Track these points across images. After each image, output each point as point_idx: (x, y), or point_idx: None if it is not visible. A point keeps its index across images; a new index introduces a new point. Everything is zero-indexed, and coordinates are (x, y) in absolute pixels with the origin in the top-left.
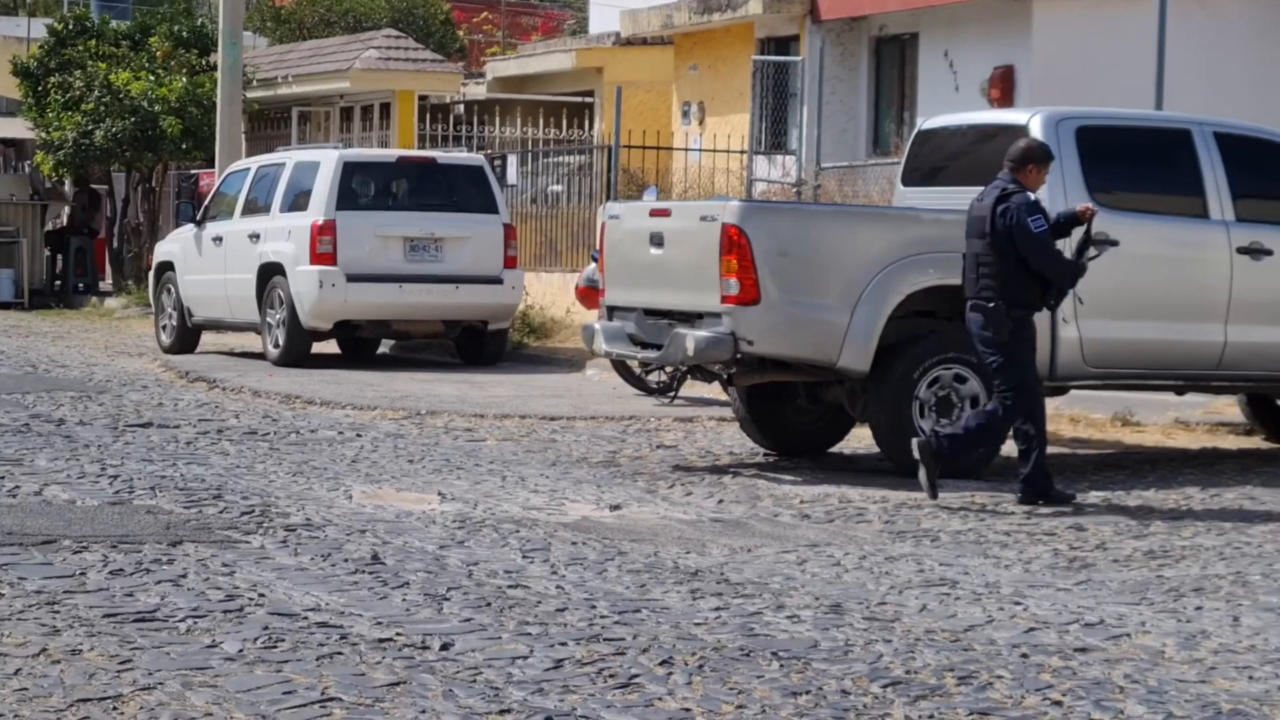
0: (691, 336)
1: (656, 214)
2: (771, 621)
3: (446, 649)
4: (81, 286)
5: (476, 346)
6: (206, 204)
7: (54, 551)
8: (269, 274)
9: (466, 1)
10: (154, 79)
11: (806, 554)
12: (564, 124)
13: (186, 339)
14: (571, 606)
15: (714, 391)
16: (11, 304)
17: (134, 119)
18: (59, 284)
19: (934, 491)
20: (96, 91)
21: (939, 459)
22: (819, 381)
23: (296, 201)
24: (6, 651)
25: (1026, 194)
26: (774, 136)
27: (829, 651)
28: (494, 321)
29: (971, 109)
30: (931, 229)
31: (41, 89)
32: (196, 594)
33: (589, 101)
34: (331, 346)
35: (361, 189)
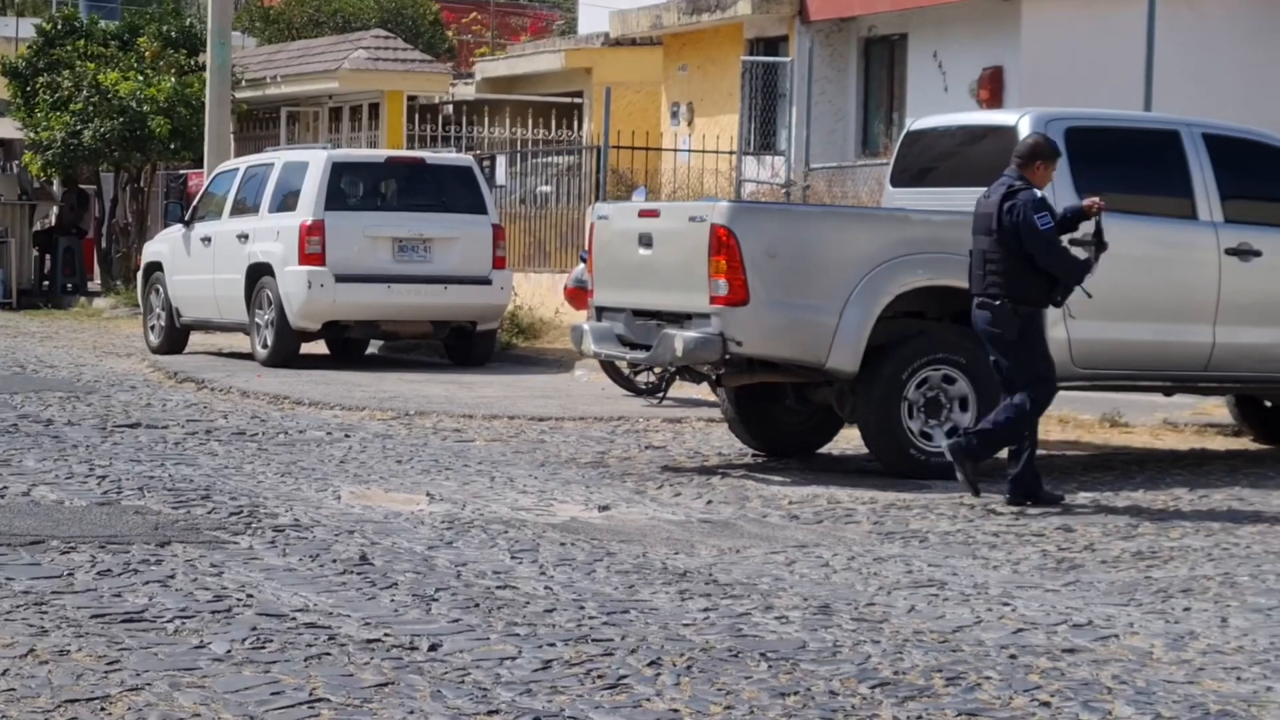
0: (680, 337)
1: (645, 214)
2: (760, 622)
3: (435, 650)
4: (70, 287)
5: (465, 347)
6: (195, 204)
7: (42, 552)
8: (257, 274)
9: (455, 2)
10: (142, 79)
11: (795, 555)
12: (553, 124)
13: (175, 339)
14: (560, 607)
15: (703, 392)
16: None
17: (122, 119)
18: (47, 284)
19: (976, 490)
20: (85, 91)
21: (971, 455)
22: (808, 382)
23: (285, 202)
24: None
25: (1033, 191)
26: (763, 137)
27: (817, 652)
28: (483, 322)
29: (960, 110)
30: (920, 230)
31: (30, 89)
32: (184, 594)
33: (578, 102)
34: (320, 347)
35: (350, 189)
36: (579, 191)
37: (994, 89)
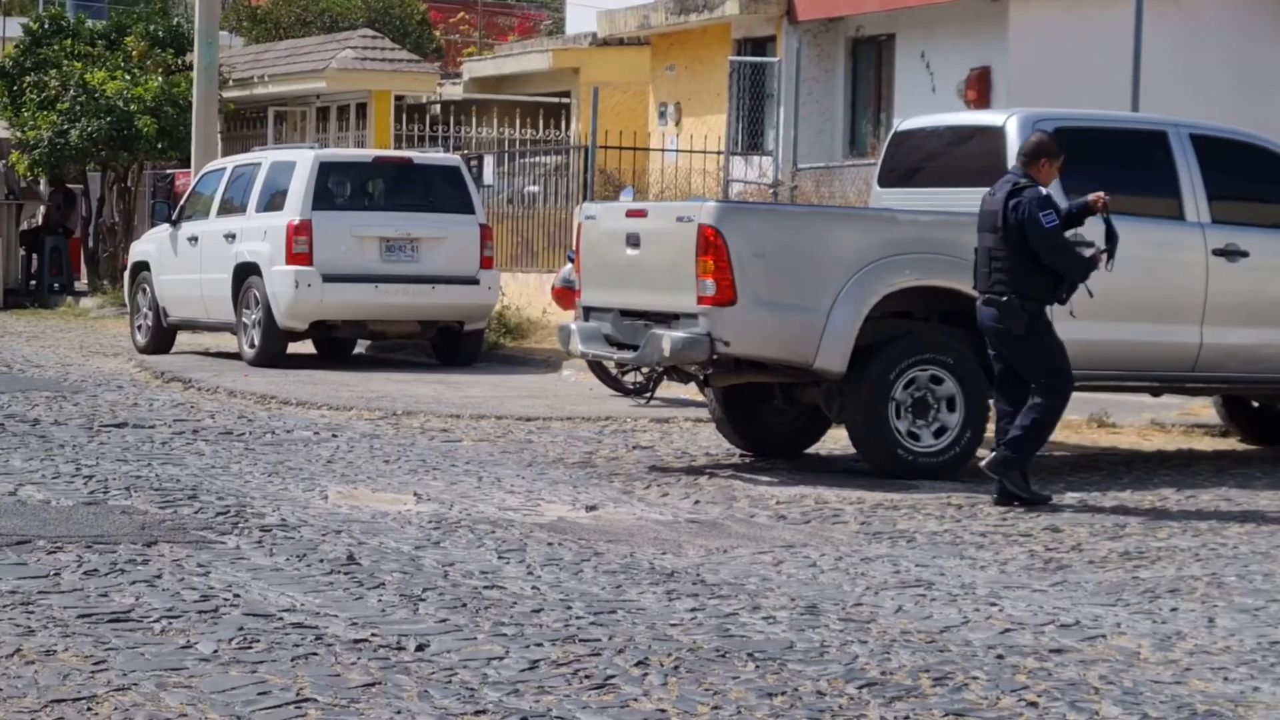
0: (668, 337)
1: (633, 215)
2: (747, 622)
3: (422, 650)
4: (57, 286)
5: (452, 347)
6: (182, 204)
7: (28, 552)
8: (245, 274)
9: (443, 2)
10: (130, 78)
11: (782, 555)
12: (540, 124)
13: (162, 339)
14: (547, 607)
15: (690, 392)
16: None
17: (109, 118)
18: (34, 284)
19: (1040, 496)
20: (72, 91)
21: (1011, 465)
22: (795, 382)
23: (272, 201)
24: None
25: (1038, 189)
26: (751, 137)
27: (805, 652)
28: (470, 322)
29: (948, 110)
30: (908, 230)
31: (17, 88)
32: (171, 594)
33: (565, 102)
34: (307, 347)
35: (337, 189)
36: (566, 191)
37: (981, 89)
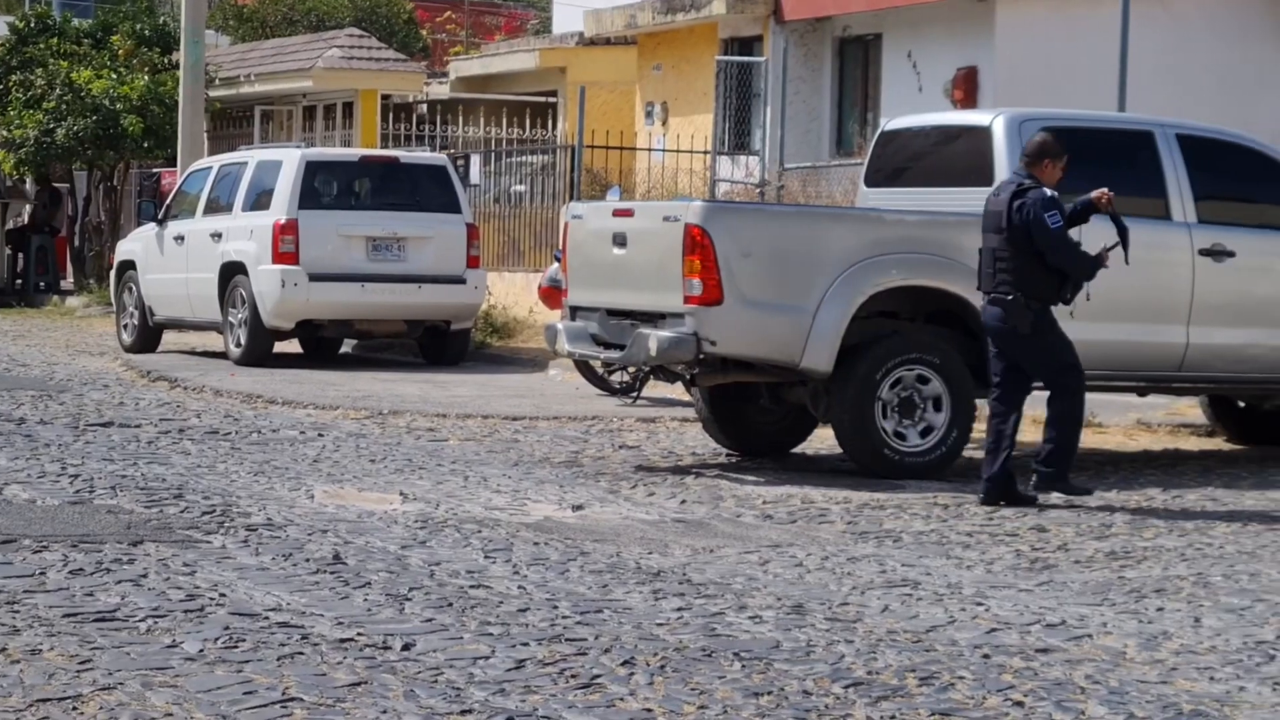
0: (654, 337)
1: (619, 214)
2: (734, 622)
3: (408, 649)
4: (43, 285)
5: (439, 346)
6: (168, 203)
7: (13, 551)
8: (231, 273)
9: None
10: (116, 77)
11: (769, 554)
12: (527, 124)
13: (148, 338)
14: (533, 607)
15: (677, 392)
16: None
17: (96, 117)
18: (20, 283)
19: (1086, 490)
20: (58, 90)
21: (1056, 479)
22: (782, 382)
23: (259, 200)
24: None
25: (1043, 190)
26: (737, 137)
27: (791, 652)
28: (457, 321)
29: (935, 110)
30: (894, 230)
31: (3, 87)
32: (157, 594)
33: (552, 101)
34: (293, 346)
35: (324, 188)
36: (553, 191)
37: (968, 89)
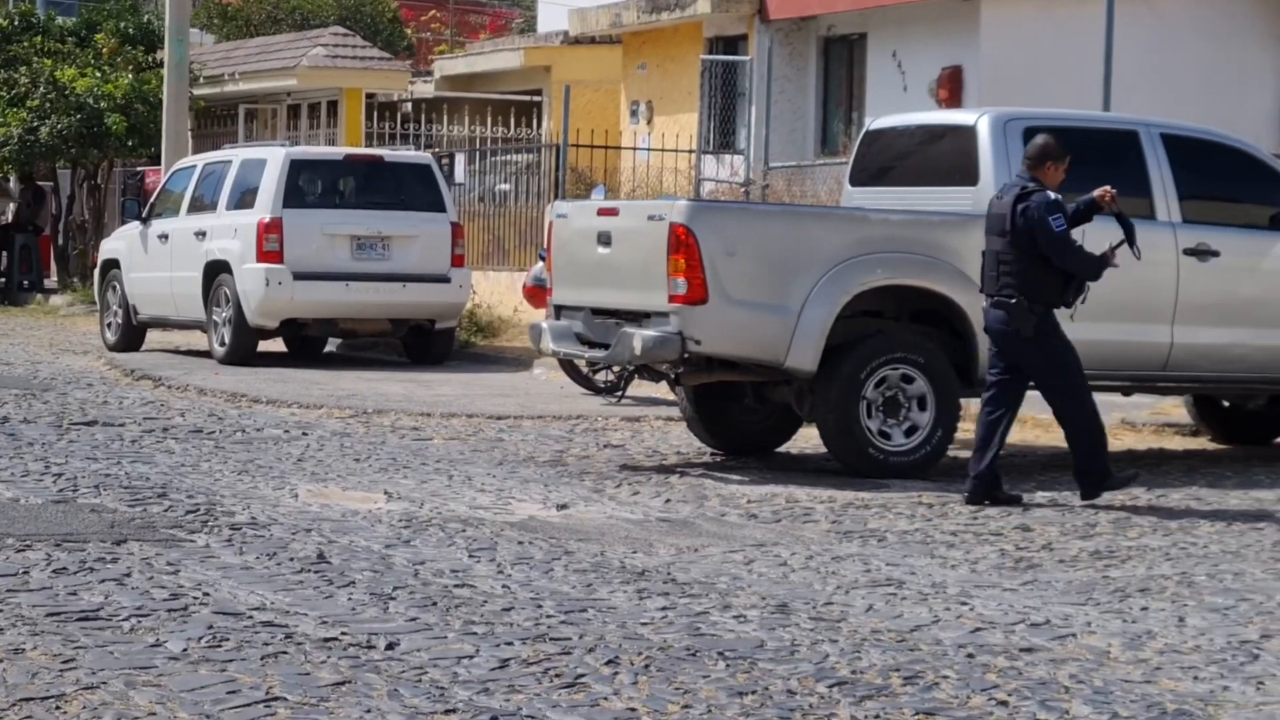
0: (639, 336)
1: (604, 213)
2: (718, 621)
3: (392, 648)
4: (26, 284)
5: (423, 345)
6: (152, 201)
7: None
8: (215, 272)
9: None
10: (100, 76)
11: (753, 554)
12: (512, 123)
13: (132, 337)
14: (518, 606)
15: (661, 391)
16: None
17: (79, 116)
18: (3, 281)
19: (1133, 475)
20: (42, 88)
21: (1098, 481)
22: (766, 381)
23: (243, 199)
24: None
25: (1046, 193)
26: (722, 136)
27: (775, 651)
28: (441, 320)
29: (920, 109)
30: (879, 229)
31: None
32: (141, 593)
33: (537, 100)
34: (278, 345)
35: (308, 187)
36: (538, 190)
37: (953, 89)
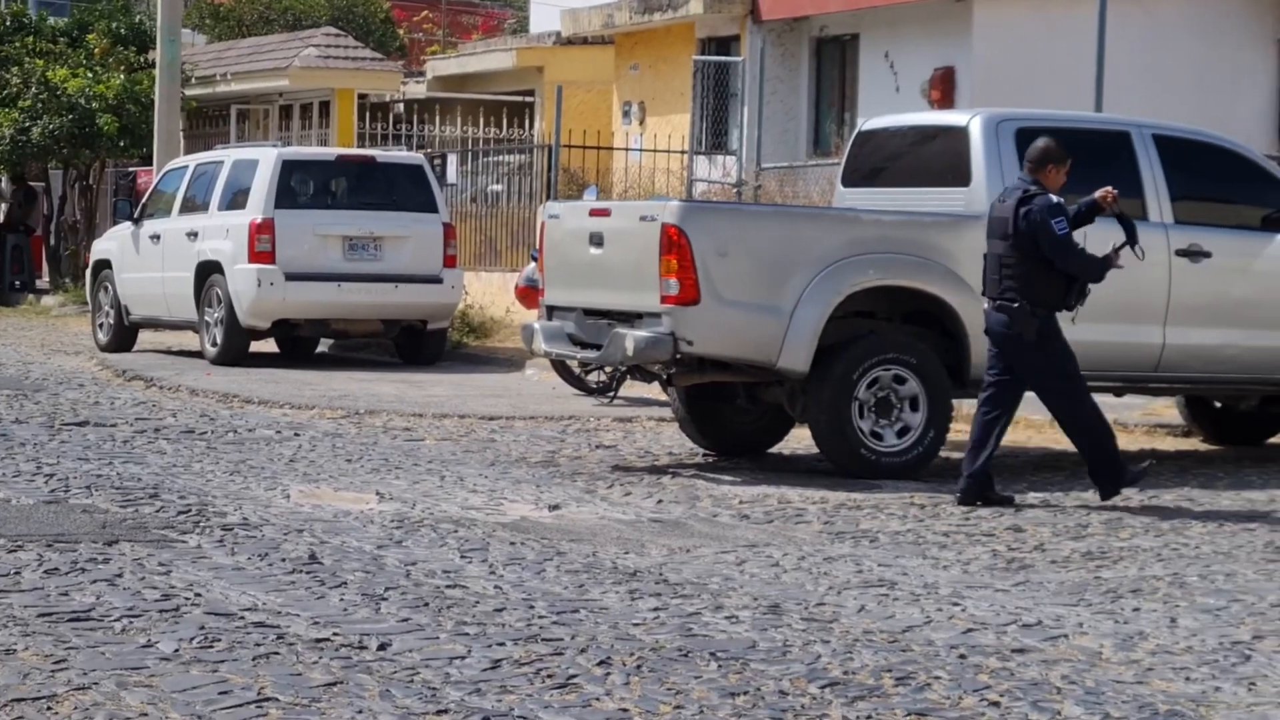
0: (631, 336)
1: (596, 214)
2: (710, 622)
3: (384, 649)
4: (18, 284)
5: (415, 346)
6: (144, 202)
7: None
8: (207, 272)
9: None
10: (91, 76)
11: (745, 554)
12: (504, 123)
13: (124, 337)
14: (510, 606)
15: (653, 392)
16: None
17: (71, 116)
18: None
19: (1150, 463)
20: (34, 88)
21: (1116, 480)
22: (758, 382)
23: (235, 200)
24: None
25: (1048, 196)
26: (714, 137)
27: (767, 652)
28: (433, 321)
29: (912, 110)
30: (871, 230)
31: None
32: (132, 593)
33: (529, 101)
34: (270, 345)
35: (300, 187)
36: (530, 190)
37: (945, 89)
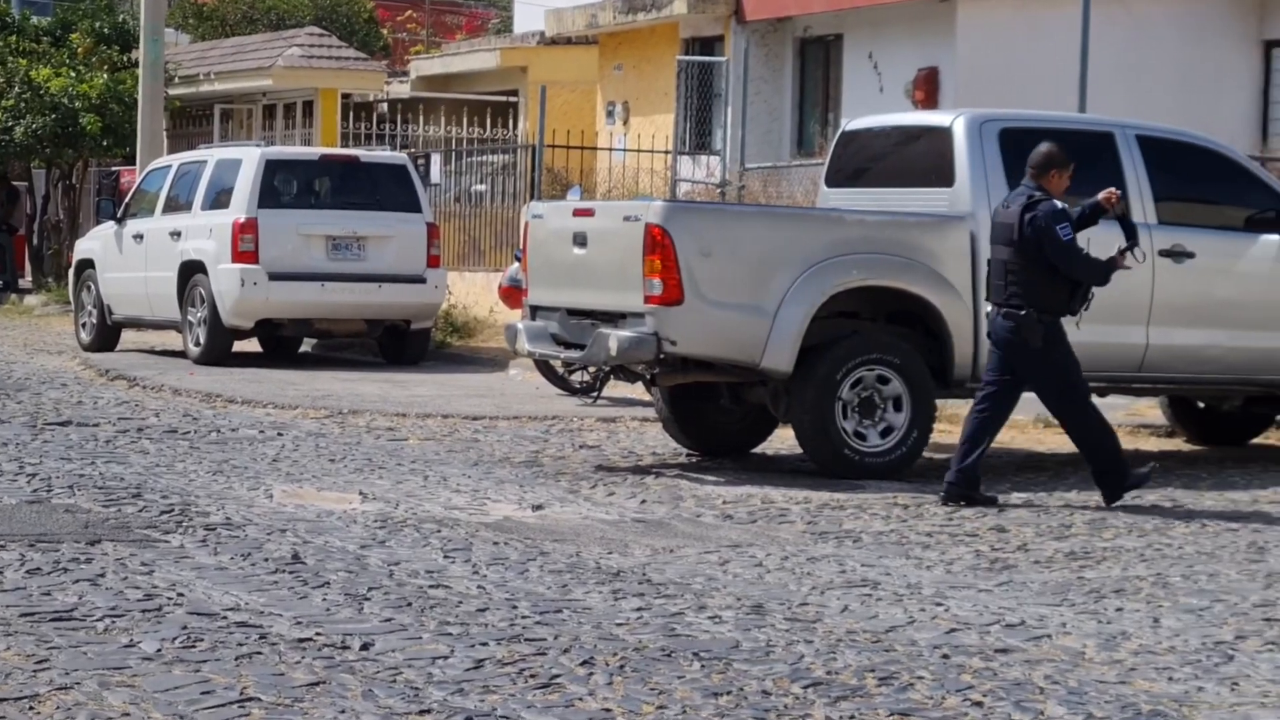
0: (614, 336)
1: (580, 214)
2: (693, 622)
3: (366, 649)
4: (1, 284)
5: (399, 346)
6: (127, 201)
7: None
8: (190, 272)
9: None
10: (75, 75)
11: (729, 554)
12: (488, 123)
13: (106, 337)
14: (493, 606)
15: (637, 392)
16: None
17: (54, 115)
18: None
19: (1153, 466)
20: (17, 88)
21: (1120, 482)
22: (742, 382)
23: (218, 199)
24: None
25: (1053, 202)
26: (698, 137)
27: (750, 652)
28: (417, 321)
29: (896, 110)
30: (855, 230)
31: None
32: (115, 593)
33: (513, 101)
34: (253, 345)
35: (284, 187)
36: (514, 190)
37: (929, 90)
